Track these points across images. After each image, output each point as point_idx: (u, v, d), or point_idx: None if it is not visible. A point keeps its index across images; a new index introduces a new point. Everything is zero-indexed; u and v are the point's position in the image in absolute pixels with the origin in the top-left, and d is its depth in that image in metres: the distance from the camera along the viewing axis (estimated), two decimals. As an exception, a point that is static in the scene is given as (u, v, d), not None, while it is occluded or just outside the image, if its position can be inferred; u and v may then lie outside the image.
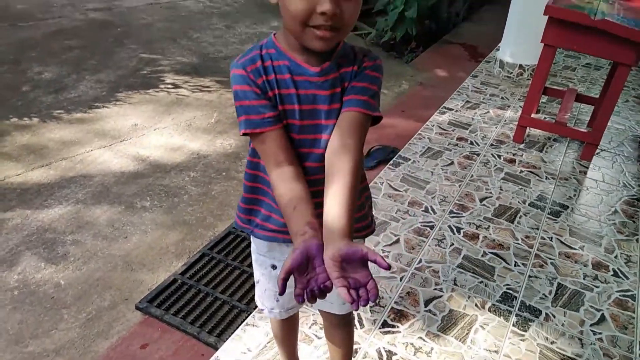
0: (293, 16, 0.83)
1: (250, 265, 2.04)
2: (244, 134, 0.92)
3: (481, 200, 2.40)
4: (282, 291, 0.74)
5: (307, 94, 0.91)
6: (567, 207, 2.39)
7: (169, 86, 3.67)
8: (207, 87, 3.71)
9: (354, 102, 0.90)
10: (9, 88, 3.48)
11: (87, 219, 2.41)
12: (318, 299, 0.78)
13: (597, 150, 2.83)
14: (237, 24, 4.90)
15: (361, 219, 1.09)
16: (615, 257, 2.09)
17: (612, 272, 2.00)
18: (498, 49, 3.86)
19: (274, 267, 1.16)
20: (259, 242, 1.13)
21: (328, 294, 0.80)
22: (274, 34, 0.95)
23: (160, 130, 3.16)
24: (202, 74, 3.89)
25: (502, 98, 3.45)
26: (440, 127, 3.03)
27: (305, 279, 0.77)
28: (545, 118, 3.17)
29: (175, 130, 3.18)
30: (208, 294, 1.97)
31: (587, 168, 2.72)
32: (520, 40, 3.56)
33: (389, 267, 0.75)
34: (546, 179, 2.60)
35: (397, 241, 2.11)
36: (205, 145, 3.03)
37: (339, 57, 0.92)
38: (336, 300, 1.20)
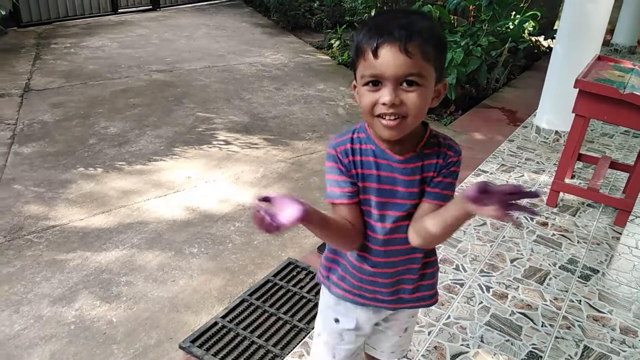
0: (363, 109, 1.00)
1: (286, 312, 2.18)
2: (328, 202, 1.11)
3: (512, 261, 2.47)
4: None
5: (387, 176, 1.07)
6: (598, 271, 2.42)
7: (221, 143, 3.97)
8: (256, 144, 3.99)
9: (442, 197, 1.06)
10: (78, 140, 3.86)
11: (140, 262, 2.62)
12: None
13: (631, 217, 2.85)
14: (286, 87, 5.25)
15: (430, 287, 1.22)
16: (647, 324, 2.10)
17: (641, 339, 2.02)
18: (535, 115, 3.98)
19: (336, 320, 1.27)
20: (329, 296, 1.26)
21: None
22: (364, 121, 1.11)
23: (211, 183, 3.42)
24: (252, 132, 4.19)
25: (538, 162, 3.54)
26: (474, 189, 3.13)
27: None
28: (579, 184, 3.23)
29: (224, 183, 3.43)
30: (245, 338, 2.10)
31: (620, 234, 2.75)
32: (556, 108, 3.68)
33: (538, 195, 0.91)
34: (578, 242, 2.65)
35: (427, 297, 2.20)
36: (250, 198, 3.25)
37: (423, 148, 1.07)
38: (387, 349, 1.34)
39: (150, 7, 8.12)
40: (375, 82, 0.96)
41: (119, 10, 7.71)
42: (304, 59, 6.33)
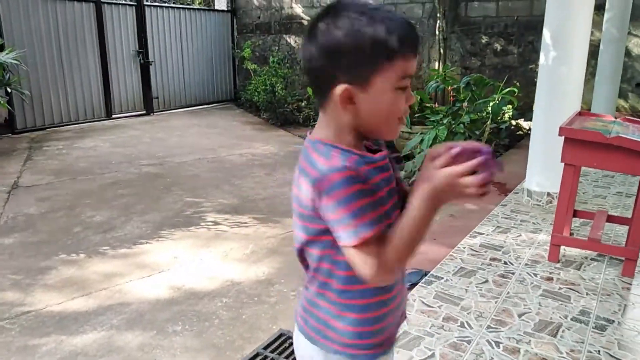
0: (394, 113, 0.91)
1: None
2: (363, 239, 0.86)
3: (520, 315, 2.29)
4: None
5: (383, 178, 0.94)
6: (613, 321, 2.24)
7: (210, 223, 3.88)
8: (245, 222, 3.90)
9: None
10: (62, 230, 3.76)
11: (119, 343, 2.41)
12: None
13: (639, 268, 2.72)
14: (276, 172, 5.28)
15: None
16: (677, 372, 1.90)
17: (675, 388, 1.81)
18: (525, 181, 3.97)
19: None
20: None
21: None
22: (320, 141, 0.93)
23: (197, 262, 3.27)
24: (241, 212, 4.12)
25: (534, 223, 3.45)
26: (472, 249, 3.02)
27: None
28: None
29: (212, 261, 3.29)
30: (232, 413, 1.86)
31: (630, 284, 2.60)
32: (545, 168, 3.68)
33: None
34: (587, 294, 2.49)
35: (432, 355, 2.00)
36: (239, 274, 3.09)
37: (378, 144, 1.01)
38: None
39: (144, 111, 8.42)
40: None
41: (113, 116, 7.97)
42: (293, 148, 6.44)
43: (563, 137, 2.66)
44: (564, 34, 3.55)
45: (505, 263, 2.84)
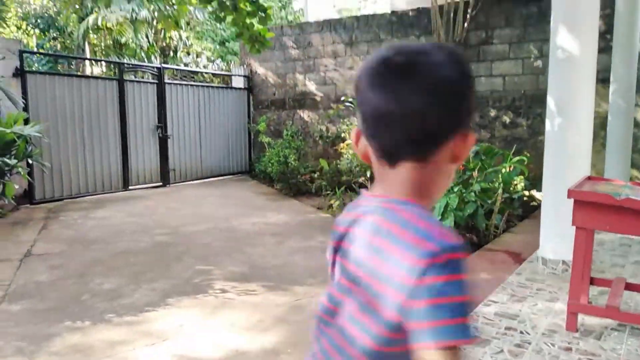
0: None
1: None
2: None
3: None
4: None
5: None
6: (639, 393, 2.11)
7: (217, 291, 3.83)
8: (253, 290, 3.84)
9: None
10: (70, 297, 3.73)
11: (118, 414, 2.32)
12: None
13: (664, 337, 2.59)
14: (288, 240, 5.26)
15: None
16: None
17: None
18: (539, 249, 3.90)
19: None
20: None
21: None
22: (416, 205, 0.77)
23: (204, 330, 3.20)
24: (251, 280, 4.07)
25: (550, 292, 3.35)
26: (485, 318, 2.91)
27: None
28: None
29: (219, 329, 3.21)
30: None
31: (656, 354, 2.46)
32: (558, 234, 3.62)
33: None
34: (609, 365, 2.36)
35: None
36: (244, 343, 3.01)
37: None
38: None
39: (161, 183, 8.60)
40: None
41: (130, 187, 8.14)
42: (305, 217, 6.46)
43: (573, 202, 2.64)
44: (568, 100, 3.62)
45: (521, 332, 2.73)
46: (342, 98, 8.71)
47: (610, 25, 6.59)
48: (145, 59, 14.75)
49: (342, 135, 8.47)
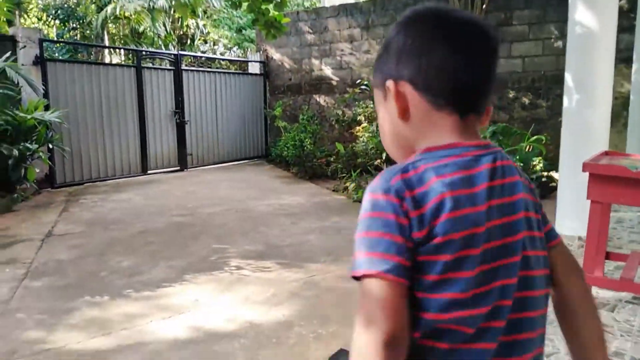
0: None
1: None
2: None
3: (548, 356, 2.16)
4: None
5: None
6: (652, 361, 2.09)
7: (233, 268, 3.88)
8: (268, 267, 3.88)
9: None
10: (89, 275, 3.82)
11: (134, 381, 2.38)
12: None
13: (681, 309, 2.55)
14: (302, 221, 5.29)
15: None
16: None
17: None
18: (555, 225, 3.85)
19: None
20: None
21: None
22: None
23: (219, 305, 3.25)
24: (265, 258, 4.11)
25: (565, 267, 3.31)
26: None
27: None
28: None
29: (233, 303, 3.26)
30: None
31: (671, 326, 2.42)
32: (574, 210, 3.57)
33: None
34: (621, 336, 2.33)
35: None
36: (258, 316, 3.05)
37: None
38: None
39: (178, 167, 8.70)
40: None
41: (148, 172, 8.26)
42: (321, 199, 6.48)
43: (588, 176, 2.60)
44: (586, 76, 3.55)
45: (533, 304, 2.71)
46: (358, 81, 8.67)
47: (635, 3, 6.40)
48: (163, 47, 14.86)
49: (358, 118, 8.42)
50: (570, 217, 3.64)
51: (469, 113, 0.81)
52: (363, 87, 8.34)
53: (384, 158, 6.83)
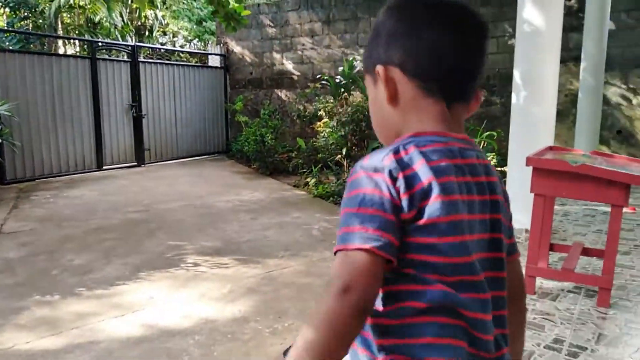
0: None
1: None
2: None
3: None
4: None
5: None
6: (586, 348, 2.20)
7: (189, 265, 3.85)
8: (225, 263, 3.87)
9: None
10: (40, 273, 3.72)
11: (85, 380, 2.35)
12: None
13: (615, 299, 2.70)
14: (262, 216, 5.29)
15: None
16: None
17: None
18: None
19: None
20: None
21: None
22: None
23: (174, 302, 3.23)
24: (223, 254, 4.10)
25: (513, 259, 3.44)
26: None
27: None
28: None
29: (188, 300, 3.24)
30: None
31: (606, 314, 2.56)
32: (521, 205, 3.69)
33: None
34: (561, 324, 2.45)
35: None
36: (214, 312, 3.05)
37: None
38: None
39: (135, 163, 8.52)
40: None
41: (104, 167, 8.05)
42: (281, 194, 6.49)
43: (532, 170, 2.71)
44: (533, 73, 3.69)
45: (481, 295, 2.82)
46: (318, 76, 8.69)
47: (583, 3, 6.66)
48: (120, 39, 14.45)
49: (319, 113, 8.45)
50: (518, 210, 3.75)
51: (456, 101, 0.82)
52: (324, 82, 8.37)
53: (344, 153, 6.89)
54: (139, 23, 16.23)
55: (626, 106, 7.21)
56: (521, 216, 3.67)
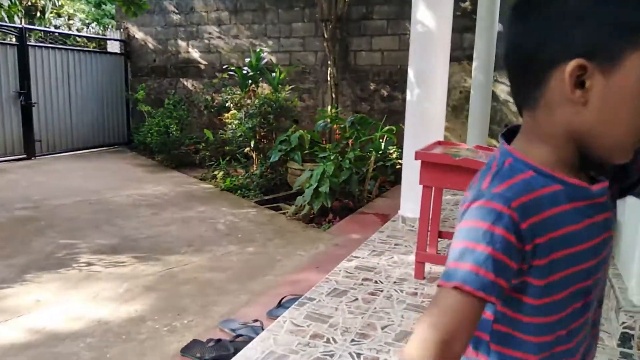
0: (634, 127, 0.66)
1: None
2: None
3: (383, 328, 2.38)
4: None
5: (594, 222, 0.73)
6: (466, 326, 2.41)
7: (82, 264, 3.66)
8: (122, 262, 3.72)
9: None
10: None
11: (-42, 394, 2.16)
12: None
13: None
14: (164, 211, 5.13)
15: None
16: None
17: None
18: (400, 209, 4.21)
19: None
20: None
21: None
22: (513, 151, 0.74)
23: (64, 304, 3.06)
24: (120, 252, 3.93)
25: (406, 246, 3.65)
26: (347, 272, 3.11)
27: None
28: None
29: (79, 302, 3.08)
30: None
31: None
32: (415, 195, 3.92)
33: None
34: (446, 305, 2.65)
35: (293, 372, 2.00)
36: (108, 313, 2.93)
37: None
38: None
39: (25, 155, 7.88)
40: None
41: (-13, 160, 7.37)
42: (186, 188, 6.33)
43: (420, 163, 2.89)
44: (425, 72, 3.90)
45: (375, 282, 2.96)
46: (225, 66, 8.54)
47: (477, 5, 7.11)
48: (7, 19, 13.20)
49: (227, 104, 8.31)
50: (412, 201, 3.99)
51: None
52: (231, 72, 8.23)
53: (252, 146, 6.84)
54: (30, 3, 14.92)
55: (512, 103, 7.85)
56: (415, 205, 3.89)
